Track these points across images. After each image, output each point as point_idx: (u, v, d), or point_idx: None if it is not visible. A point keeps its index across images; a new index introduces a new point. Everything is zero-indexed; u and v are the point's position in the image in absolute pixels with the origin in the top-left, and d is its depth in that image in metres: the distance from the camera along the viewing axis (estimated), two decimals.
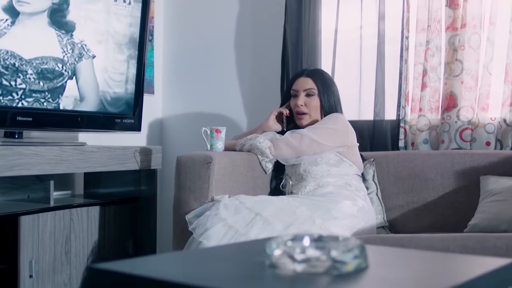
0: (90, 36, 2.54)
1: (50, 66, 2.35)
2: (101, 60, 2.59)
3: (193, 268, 1.11)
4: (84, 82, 2.51)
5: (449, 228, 2.48)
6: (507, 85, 2.62)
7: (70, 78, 2.46)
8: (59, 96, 2.42)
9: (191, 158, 2.30)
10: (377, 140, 2.89)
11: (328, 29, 3.06)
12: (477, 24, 2.67)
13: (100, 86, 2.59)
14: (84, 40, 2.51)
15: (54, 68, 2.38)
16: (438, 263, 1.15)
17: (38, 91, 2.32)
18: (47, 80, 2.34)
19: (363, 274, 1.07)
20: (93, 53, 2.55)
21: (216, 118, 3.35)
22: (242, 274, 1.09)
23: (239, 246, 1.34)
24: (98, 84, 2.58)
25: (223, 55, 3.36)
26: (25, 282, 2.18)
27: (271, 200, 2.27)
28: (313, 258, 1.09)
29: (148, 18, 2.75)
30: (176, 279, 1.01)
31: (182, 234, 2.26)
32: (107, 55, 2.62)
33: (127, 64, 2.69)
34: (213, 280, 1.04)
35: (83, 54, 2.49)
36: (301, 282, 1.03)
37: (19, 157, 2.07)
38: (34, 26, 2.33)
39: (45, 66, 2.33)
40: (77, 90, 2.49)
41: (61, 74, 2.40)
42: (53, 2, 2.38)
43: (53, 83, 2.33)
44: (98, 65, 2.58)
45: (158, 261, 1.16)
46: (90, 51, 2.52)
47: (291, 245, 1.12)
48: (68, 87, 2.45)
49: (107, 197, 2.75)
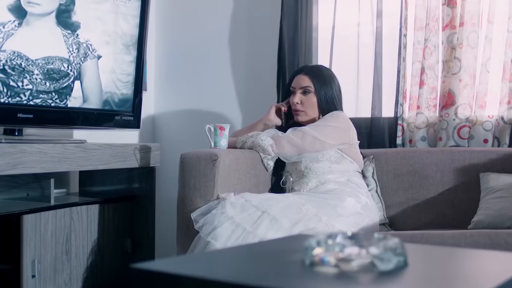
0: (97, 37, 2.53)
1: (56, 66, 2.32)
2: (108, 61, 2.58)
3: (234, 266, 1.10)
4: (88, 83, 2.49)
5: (449, 224, 2.51)
6: (504, 83, 2.65)
7: (77, 79, 2.44)
8: (67, 97, 2.39)
9: (196, 156, 2.28)
10: (375, 138, 2.90)
11: (325, 26, 3.06)
12: (476, 23, 2.70)
13: (106, 87, 2.57)
14: (89, 40, 2.49)
15: (60, 68, 2.35)
16: (476, 259, 1.16)
17: (45, 92, 2.29)
18: (53, 80, 2.31)
19: (406, 272, 1.07)
20: (99, 53, 2.53)
21: (210, 115, 3.33)
22: (285, 272, 1.08)
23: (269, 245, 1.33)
24: (102, 84, 2.57)
25: (218, 51, 3.34)
26: (28, 282, 2.14)
27: (277, 198, 2.27)
28: (354, 255, 1.08)
29: (148, 15, 2.73)
30: (223, 278, 1.00)
31: (187, 232, 2.24)
32: (115, 57, 2.61)
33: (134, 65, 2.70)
34: (260, 279, 1.03)
35: (88, 54, 2.47)
36: (345, 279, 1.03)
37: (22, 155, 2.03)
38: (41, 26, 2.30)
39: (51, 66, 2.30)
40: (81, 91, 2.47)
41: (67, 74, 2.37)
42: (60, 3, 2.35)
43: (59, 83, 2.30)
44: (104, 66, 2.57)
45: (199, 260, 1.14)
46: (95, 51, 2.50)
47: (331, 243, 1.12)
48: (75, 87, 2.44)
49: (103, 195, 2.71)
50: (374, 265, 1.07)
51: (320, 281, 1.04)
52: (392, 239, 1.12)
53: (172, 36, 3.46)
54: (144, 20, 2.72)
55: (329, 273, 1.06)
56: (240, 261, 1.15)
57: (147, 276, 1.06)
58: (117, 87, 2.62)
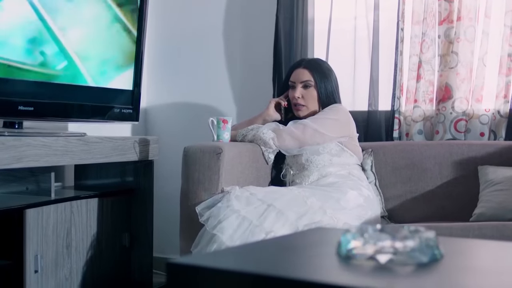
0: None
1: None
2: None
3: (271, 259, 1.09)
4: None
5: (448, 217, 2.53)
6: (501, 77, 2.68)
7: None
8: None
9: (200, 149, 2.27)
10: (372, 131, 2.91)
11: (322, 18, 3.06)
12: (473, 17, 2.72)
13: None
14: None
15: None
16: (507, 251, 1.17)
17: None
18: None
19: (442, 264, 1.07)
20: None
21: (204, 108, 3.31)
22: (323, 266, 1.08)
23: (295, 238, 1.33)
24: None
25: (212, 44, 3.32)
26: (30, 277, 2.11)
27: (281, 191, 2.27)
28: (391, 248, 1.09)
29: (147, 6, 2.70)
30: (265, 271, 0.99)
31: (191, 225, 2.23)
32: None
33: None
34: (299, 271, 1.03)
35: None
36: (384, 272, 1.03)
37: (27, 148, 1.99)
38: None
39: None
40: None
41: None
42: None
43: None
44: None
45: (235, 253, 1.13)
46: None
47: (366, 236, 1.12)
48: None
49: (99, 189, 2.68)
50: (411, 258, 1.07)
51: (359, 274, 1.03)
52: (426, 231, 1.12)
53: (165, 29, 3.42)
54: (143, 8, 2.68)
55: (367, 266, 1.05)
56: (274, 254, 1.15)
57: (186, 270, 1.04)
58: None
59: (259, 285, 0.97)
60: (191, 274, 1.03)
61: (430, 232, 1.12)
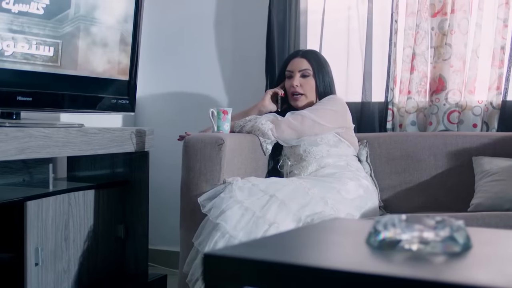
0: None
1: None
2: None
3: (305, 251, 1.10)
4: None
5: (442, 207, 2.56)
6: (494, 69, 2.72)
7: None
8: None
9: (201, 140, 2.26)
10: (365, 122, 2.93)
11: (315, 9, 3.06)
12: (466, 10, 2.75)
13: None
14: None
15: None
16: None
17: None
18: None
19: (473, 253, 1.08)
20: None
21: (195, 99, 3.29)
22: (356, 255, 1.08)
23: (327, 227, 1.33)
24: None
25: (203, 34, 3.29)
26: (31, 270, 2.08)
27: (283, 182, 2.27)
28: (424, 238, 1.10)
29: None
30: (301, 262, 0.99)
31: (192, 217, 2.22)
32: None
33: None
34: (334, 261, 1.03)
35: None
36: (419, 261, 1.03)
37: (30, 139, 1.96)
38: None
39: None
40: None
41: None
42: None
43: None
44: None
45: (269, 243, 1.13)
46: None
47: (397, 226, 1.12)
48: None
49: (92, 180, 2.65)
50: (445, 247, 1.08)
51: (395, 264, 1.04)
52: (455, 221, 1.13)
53: (155, 19, 3.38)
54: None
55: (401, 255, 1.06)
56: (305, 245, 1.15)
57: (221, 262, 1.04)
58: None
59: (297, 276, 0.97)
60: (227, 265, 1.03)
61: (461, 222, 1.13)
